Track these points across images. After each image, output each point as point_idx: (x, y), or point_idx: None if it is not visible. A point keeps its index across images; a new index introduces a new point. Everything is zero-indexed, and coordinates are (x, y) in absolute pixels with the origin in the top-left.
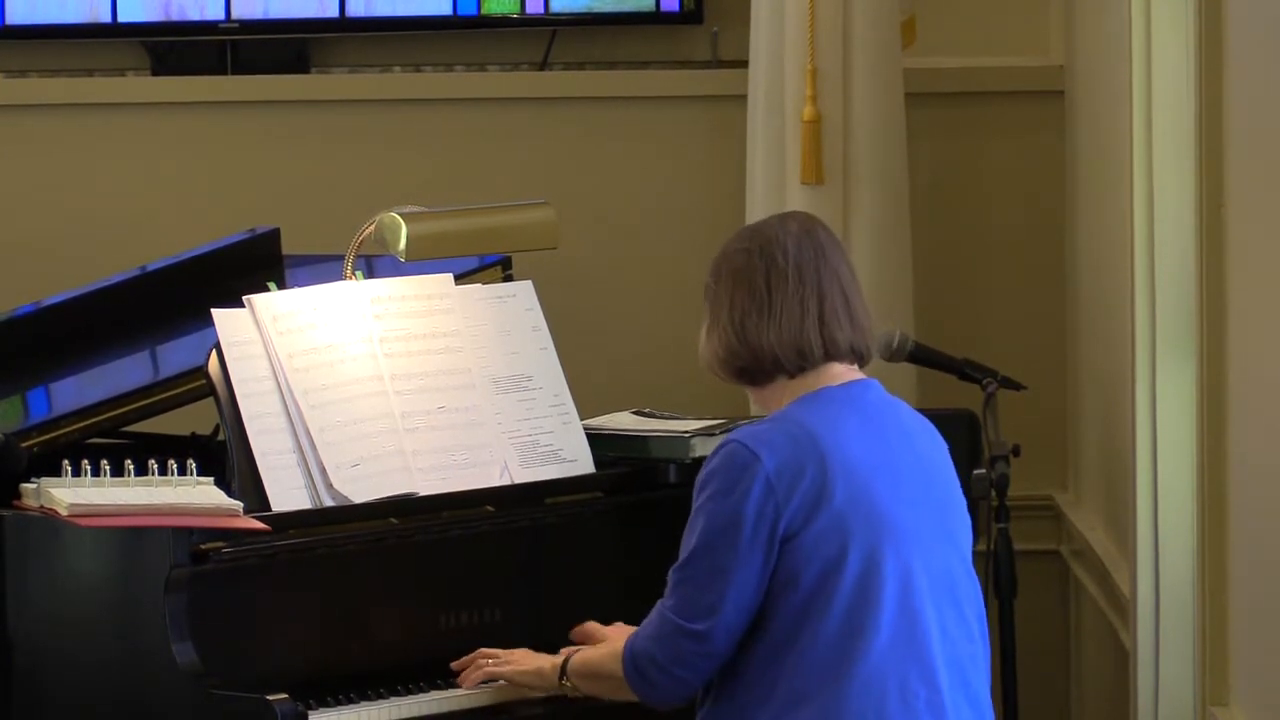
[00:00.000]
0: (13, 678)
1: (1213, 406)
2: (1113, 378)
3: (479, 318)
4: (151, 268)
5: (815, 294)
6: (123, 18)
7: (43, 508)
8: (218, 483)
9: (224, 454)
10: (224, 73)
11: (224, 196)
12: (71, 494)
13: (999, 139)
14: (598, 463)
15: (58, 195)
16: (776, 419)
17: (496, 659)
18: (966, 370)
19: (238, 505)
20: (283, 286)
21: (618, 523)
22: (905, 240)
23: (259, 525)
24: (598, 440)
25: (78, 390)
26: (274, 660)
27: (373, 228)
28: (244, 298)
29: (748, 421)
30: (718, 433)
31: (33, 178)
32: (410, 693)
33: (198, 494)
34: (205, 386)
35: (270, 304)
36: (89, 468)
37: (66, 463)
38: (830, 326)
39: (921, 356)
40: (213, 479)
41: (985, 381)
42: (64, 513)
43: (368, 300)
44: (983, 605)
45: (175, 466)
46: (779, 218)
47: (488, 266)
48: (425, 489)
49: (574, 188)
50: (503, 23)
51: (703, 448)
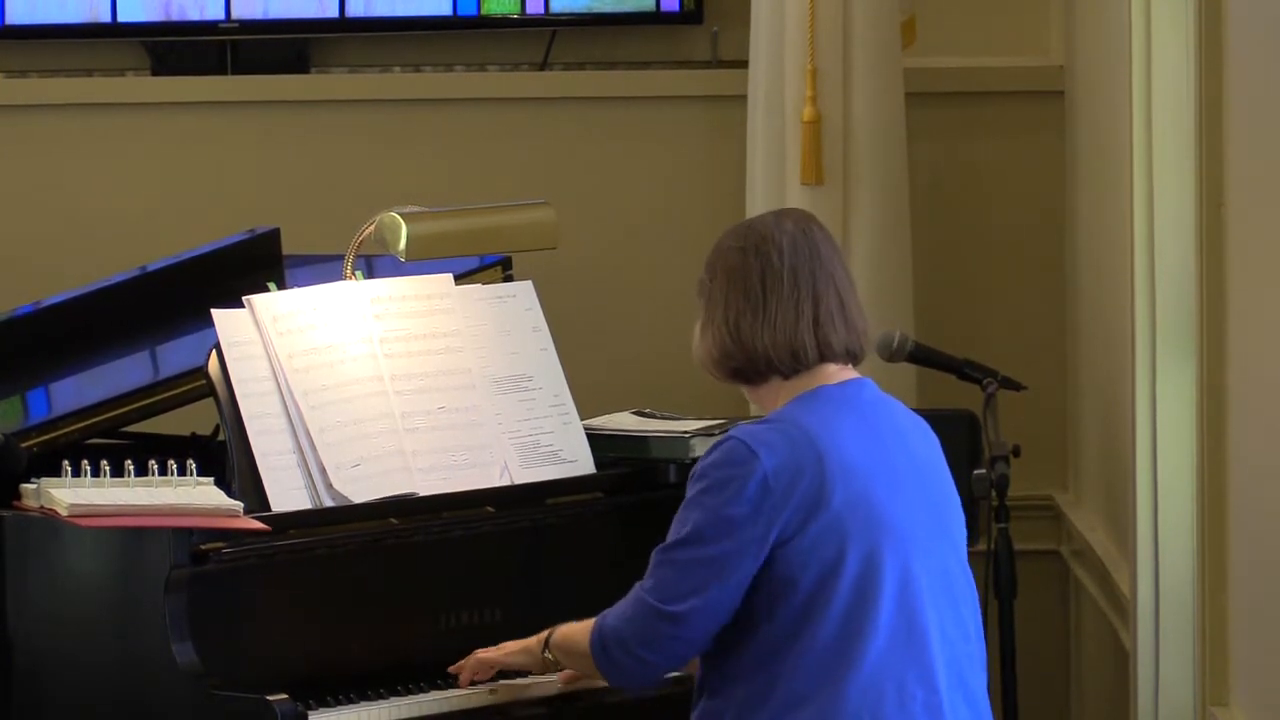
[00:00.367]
0: (13, 678)
1: (1213, 406)
2: (1113, 378)
3: (479, 318)
4: (151, 268)
5: (810, 296)
6: (123, 18)
7: (43, 508)
8: (218, 483)
9: (224, 454)
10: (224, 73)
11: (224, 196)
12: (71, 494)
13: (999, 139)
14: (598, 463)
15: (58, 195)
16: (774, 420)
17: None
18: (966, 370)
19: (238, 505)
20: (283, 286)
21: (618, 523)
22: (905, 240)
23: (259, 525)
24: (598, 440)
25: (78, 390)
26: (274, 660)
27: (373, 228)
28: (244, 298)
29: (748, 422)
30: (717, 433)
31: (33, 178)
32: (410, 693)
33: (198, 494)
34: (205, 387)
35: (270, 304)
36: (89, 468)
37: (66, 463)
38: (825, 329)
39: (921, 356)
40: (213, 479)
41: (985, 382)
42: (64, 513)
43: (368, 300)
44: (978, 603)
45: (175, 467)
46: (774, 214)
47: (488, 266)
48: (425, 489)
49: (574, 188)
50: (503, 23)
51: (703, 448)
